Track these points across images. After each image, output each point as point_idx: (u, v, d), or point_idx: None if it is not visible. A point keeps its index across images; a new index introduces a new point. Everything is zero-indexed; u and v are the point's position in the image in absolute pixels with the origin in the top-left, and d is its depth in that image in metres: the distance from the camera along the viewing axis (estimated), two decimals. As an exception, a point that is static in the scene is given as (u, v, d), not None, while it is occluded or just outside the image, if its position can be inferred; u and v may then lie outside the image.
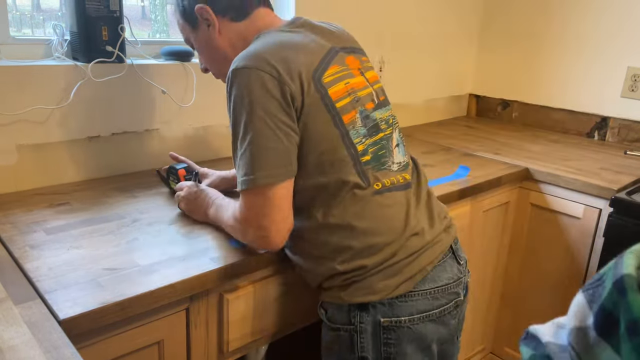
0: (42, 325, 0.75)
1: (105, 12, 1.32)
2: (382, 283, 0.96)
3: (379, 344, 0.98)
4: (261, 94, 0.91)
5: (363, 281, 0.97)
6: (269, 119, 0.92)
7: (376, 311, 0.97)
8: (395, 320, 0.97)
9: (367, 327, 0.97)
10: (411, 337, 0.98)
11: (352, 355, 0.99)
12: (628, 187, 1.63)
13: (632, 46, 2.11)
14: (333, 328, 1.01)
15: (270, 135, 0.92)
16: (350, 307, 0.98)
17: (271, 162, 0.92)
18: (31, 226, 1.10)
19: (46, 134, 1.31)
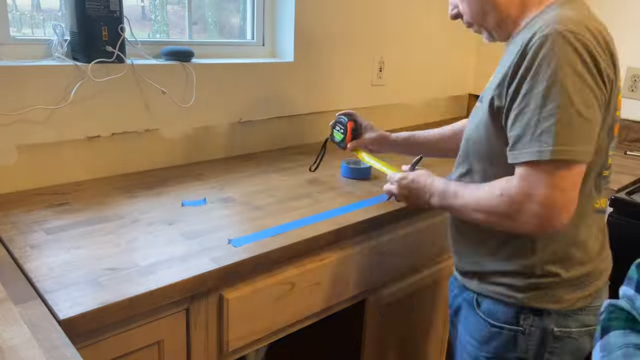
0: (42, 325, 0.75)
1: (105, 12, 1.32)
2: (568, 295, 0.97)
3: (543, 350, 0.98)
4: (586, 68, 0.84)
5: (551, 290, 0.96)
6: (593, 92, 0.85)
7: (550, 319, 0.97)
8: (566, 331, 0.98)
9: (535, 332, 0.98)
10: (573, 349, 0.99)
11: (510, 354, 1.00)
12: (628, 187, 1.63)
13: (632, 46, 2.11)
14: (494, 325, 1.01)
15: (592, 110, 0.85)
16: (522, 309, 0.98)
17: (586, 137, 0.85)
18: (31, 226, 1.10)
19: (46, 134, 1.31)
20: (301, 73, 1.84)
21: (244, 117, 1.72)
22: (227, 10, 1.84)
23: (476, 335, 1.05)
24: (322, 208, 1.28)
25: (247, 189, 1.39)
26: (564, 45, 0.84)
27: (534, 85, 0.86)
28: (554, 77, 0.84)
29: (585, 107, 0.84)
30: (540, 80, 0.85)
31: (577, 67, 0.83)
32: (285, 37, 1.81)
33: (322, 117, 1.96)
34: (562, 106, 0.83)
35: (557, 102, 0.83)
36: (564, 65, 0.83)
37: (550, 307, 0.97)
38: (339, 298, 1.26)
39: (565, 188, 0.85)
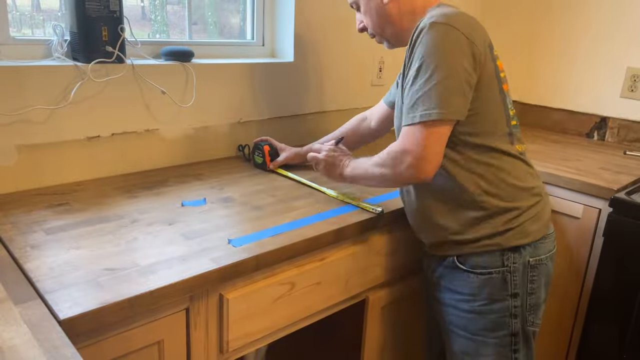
0: (42, 325, 0.75)
1: (105, 12, 1.32)
2: (532, 227, 1.16)
3: (526, 280, 1.16)
4: (456, 48, 1.06)
5: (519, 226, 1.14)
6: (459, 68, 1.05)
7: (526, 252, 1.15)
8: (538, 259, 1.17)
9: (519, 267, 1.15)
10: (545, 273, 1.19)
11: (504, 293, 1.16)
12: (627, 187, 1.63)
13: (631, 46, 2.11)
14: (482, 273, 1.16)
15: (457, 80, 1.05)
16: (504, 251, 1.15)
17: (453, 102, 1.06)
18: (31, 226, 1.10)
19: (46, 134, 1.31)
20: (301, 73, 1.84)
21: (244, 117, 1.72)
22: (227, 11, 1.84)
23: (466, 290, 1.18)
24: (322, 208, 1.29)
25: (247, 189, 1.40)
26: (433, 31, 1.06)
27: (411, 65, 1.09)
28: (422, 57, 1.06)
29: (446, 78, 1.04)
30: (414, 60, 1.08)
31: (443, 46, 1.05)
32: (285, 37, 1.81)
33: (322, 117, 1.96)
34: (427, 80, 1.06)
35: (424, 77, 1.06)
36: (431, 46, 1.05)
37: (524, 242, 1.15)
38: (338, 298, 1.26)
39: (428, 144, 1.06)
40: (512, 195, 1.15)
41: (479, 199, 1.14)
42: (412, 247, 1.41)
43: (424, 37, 1.07)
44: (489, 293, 1.16)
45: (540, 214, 1.18)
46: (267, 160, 1.55)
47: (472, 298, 1.18)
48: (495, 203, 1.14)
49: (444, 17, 1.07)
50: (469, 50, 1.06)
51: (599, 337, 1.65)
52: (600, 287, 1.63)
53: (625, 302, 1.57)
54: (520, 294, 1.16)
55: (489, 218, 1.15)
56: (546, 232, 1.19)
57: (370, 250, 1.30)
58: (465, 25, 1.08)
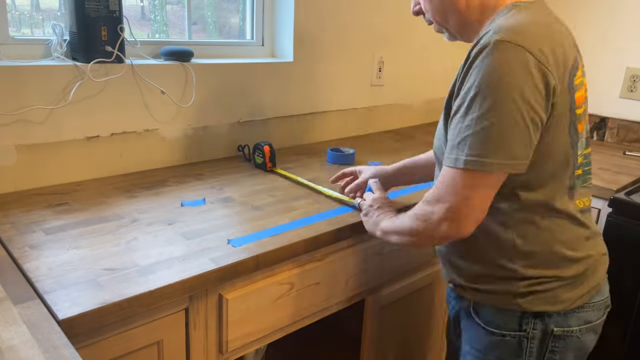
0: (41, 325, 0.75)
1: (104, 12, 1.32)
2: (566, 295, 0.96)
3: (544, 351, 0.98)
4: (523, 77, 0.82)
5: (548, 292, 0.95)
6: (522, 105, 0.83)
7: (551, 320, 0.97)
8: (567, 330, 0.97)
9: (537, 334, 0.97)
10: (576, 347, 0.99)
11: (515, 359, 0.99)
12: (627, 188, 1.63)
13: (631, 47, 2.11)
14: (496, 333, 0.99)
15: (518, 122, 0.83)
16: (524, 314, 0.97)
17: (511, 152, 0.84)
18: (30, 226, 1.10)
19: (45, 134, 1.31)
20: (300, 73, 1.84)
21: (244, 117, 1.72)
22: (226, 10, 1.84)
23: (478, 345, 1.03)
24: (321, 208, 1.29)
25: (247, 189, 1.40)
26: (497, 52, 0.83)
27: (465, 94, 0.87)
28: (479, 85, 0.84)
29: (506, 118, 0.83)
30: (469, 89, 0.86)
31: (505, 78, 0.83)
32: (285, 37, 1.81)
33: (322, 117, 1.96)
34: (480, 117, 0.84)
35: (477, 112, 0.84)
36: (491, 73, 0.83)
37: (550, 309, 0.96)
38: (338, 298, 1.26)
39: (469, 197, 0.87)
40: (551, 263, 0.95)
41: (504, 262, 0.96)
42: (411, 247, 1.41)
43: (484, 58, 0.84)
44: (498, 356, 1.00)
45: (582, 280, 0.97)
46: (267, 160, 1.56)
47: (482, 356, 1.02)
48: (524, 272, 0.95)
49: (512, 33, 0.84)
50: (540, 81, 0.83)
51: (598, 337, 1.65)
52: (600, 288, 1.63)
53: (625, 302, 1.57)
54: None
55: (515, 280, 0.96)
56: (587, 300, 0.98)
57: (370, 250, 1.30)
58: (540, 42, 0.84)
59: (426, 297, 1.55)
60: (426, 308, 1.57)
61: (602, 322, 1.03)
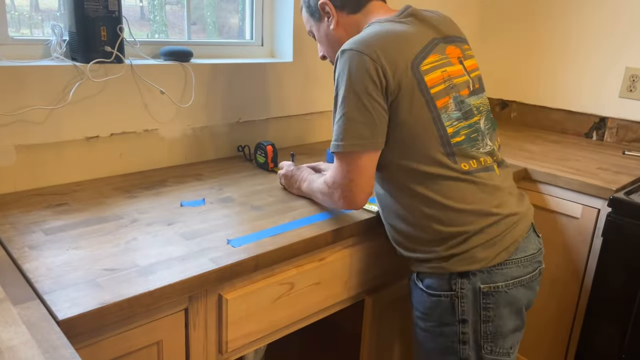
0: (41, 326, 0.75)
1: (103, 12, 1.32)
2: (482, 254, 1.09)
3: (478, 307, 1.10)
4: (361, 74, 1.04)
5: (465, 253, 1.09)
6: (363, 96, 1.05)
7: (476, 278, 1.09)
8: (493, 286, 1.09)
9: (467, 293, 1.10)
10: (507, 301, 1.11)
11: (452, 318, 1.12)
12: (626, 187, 1.63)
13: (630, 46, 2.11)
14: (433, 294, 1.13)
15: (361, 110, 1.06)
16: (452, 275, 1.10)
17: (358, 133, 1.06)
18: (30, 227, 1.10)
19: (45, 135, 1.31)
20: (300, 73, 1.84)
21: (243, 117, 1.72)
22: (225, 11, 1.84)
23: (422, 308, 1.17)
24: (321, 208, 1.29)
25: (246, 190, 1.40)
26: (342, 59, 1.07)
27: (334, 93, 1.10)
28: (336, 86, 1.09)
29: (352, 108, 1.06)
30: (334, 89, 1.10)
31: (348, 77, 1.06)
32: (284, 37, 1.81)
33: (321, 117, 1.96)
34: (338, 110, 1.08)
35: (336, 107, 1.09)
36: (340, 74, 1.08)
37: (471, 268, 1.09)
38: (337, 298, 1.27)
39: (353, 178, 1.09)
40: (454, 219, 1.09)
41: (423, 223, 1.11)
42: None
43: (336, 64, 1.09)
44: (438, 315, 1.13)
45: (498, 238, 1.09)
46: (269, 160, 1.56)
47: (426, 317, 1.17)
48: (438, 228, 1.10)
49: (353, 43, 1.07)
50: (375, 75, 1.04)
51: (598, 337, 1.65)
52: (600, 287, 1.63)
53: (625, 302, 1.57)
54: (471, 321, 1.11)
55: (437, 243, 1.11)
56: (507, 257, 1.10)
57: (370, 250, 1.30)
58: (376, 47, 1.05)
59: (426, 297, 1.55)
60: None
61: (534, 278, 1.14)
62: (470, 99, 1.15)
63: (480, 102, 1.18)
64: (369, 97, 1.05)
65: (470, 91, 1.15)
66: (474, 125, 1.14)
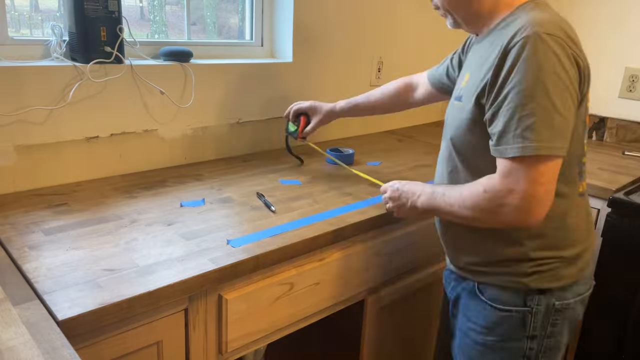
0: (41, 326, 0.75)
1: (103, 12, 1.32)
2: (566, 272, 1.04)
3: (547, 324, 1.06)
4: (569, 68, 0.91)
5: (551, 271, 1.03)
6: (568, 91, 0.91)
7: (552, 295, 1.04)
8: (565, 303, 1.05)
9: (541, 309, 1.04)
10: (570, 317, 1.08)
11: (521, 334, 1.06)
12: (626, 188, 1.63)
13: (630, 47, 2.11)
14: (502, 309, 1.06)
15: (568, 109, 0.91)
16: (529, 291, 1.04)
17: (563, 134, 0.91)
18: (30, 227, 1.10)
19: (45, 135, 1.31)
20: (300, 73, 1.84)
21: (243, 118, 1.72)
22: (225, 11, 1.84)
23: (481, 322, 1.08)
24: (321, 208, 1.29)
25: (246, 190, 1.40)
26: (544, 47, 0.89)
27: (516, 84, 0.91)
28: (535, 78, 0.89)
29: (562, 105, 0.90)
30: (522, 79, 0.90)
31: (556, 69, 0.89)
32: (284, 38, 1.81)
33: (321, 117, 1.96)
34: (542, 105, 0.89)
35: (538, 101, 0.89)
36: (544, 66, 0.89)
37: (553, 286, 1.03)
38: (337, 298, 1.26)
39: (544, 182, 0.91)
40: (559, 243, 1.03)
41: (521, 242, 1.02)
42: (411, 247, 1.41)
43: (528, 50, 0.89)
44: (504, 330, 1.06)
45: (578, 257, 1.05)
46: (300, 129, 1.57)
47: (485, 331, 1.08)
48: (537, 253, 1.02)
49: (548, 27, 0.91)
50: (576, 72, 0.92)
51: (597, 337, 1.65)
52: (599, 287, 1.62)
53: (624, 302, 1.57)
54: (538, 337, 1.06)
55: (523, 262, 1.03)
56: (582, 275, 1.07)
57: (369, 250, 1.30)
58: (572, 37, 0.94)
59: (426, 297, 1.55)
60: (426, 308, 1.57)
61: (589, 294, 1.11)
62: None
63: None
64: (572, 93, 0.92)
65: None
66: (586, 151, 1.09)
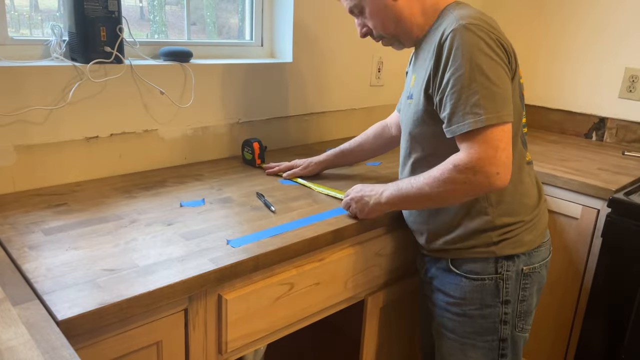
0: (41, 326, 0.75)
1: (103, 12, 1.32)
2: (527, 237, 1.15)
3: (519, 288, 1.17)
4: (491, 50, 1.02)
5: (515, 237, 1.14)
6: (500, 66, 1.02)
7: (519, 260, 1.15)
8: (532, 267, 1.17)
9: (512, 275, 1.15)
10: (537, 280, 1.19)
11: (495, 300, 1.16)
12: (626, 188, 1.63)
13: (629, 47, 2.11)
14: (476, 279, 1.16)
15: (504, 81, 1.02)
16: (498, 259, 1.15)
17: (505, 102, 1.02)
18: (29, 227, 1.10)
19: (45, 135, 1.31)
20: (300, 73, 1.84)
21: (243, 118, 1.72)
22: (225, 11, 1.84)
23: (458, 294, 1.18)
24: (321, 208, 1.29)
25: (246, 190, 1.39)
26: (470, 34, 1.02)
27: (455, 70, 1.02)
28: (469, 61, 1.01)
29: (497, 78, 1.01)
30: (459, 66, 1.02)
31: (485, 50, 1.01)
32: (284, 38, 1.81)
33: (321, 117, 1.96)
34: (481, 82, 1.00)
35: (477, 80, 1.01)
36: (474, 50, 1.01)
37: (518, 252, 1.15)
38: (337, 298, 1.26)
39: (503, 147, 1.00)
40: (517, 209, 1.15)
41: (485, 211, 1.14)
42: (410, 247, 1.41)
43: (457, 40, 1.02)
44: (480, 298, 1.16)
45: (537, 223, 1.18)
46: (256, 157, 1.59)
47: (462, 302, 1.18)
48: (501, 220, 1.14)
49: (475, 19, 1.04)
50: (504, 54, 1.04)
51: (597, 337, 1.65)
52: (599, 288, 1.63)
53: (624, 302, 1.57)
54: (512, 301, 1.16)
55: (490, 230, 1.14)
56: (542, 240, 1.19)
57: (369, 250, 1.30)
58: (492, 25, 1.06)
59: (425, 298, 1.55)
60: (425, 308, 1.57)
61: (550, 258, 1.24)
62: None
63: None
64: (504, 70, 1.03)
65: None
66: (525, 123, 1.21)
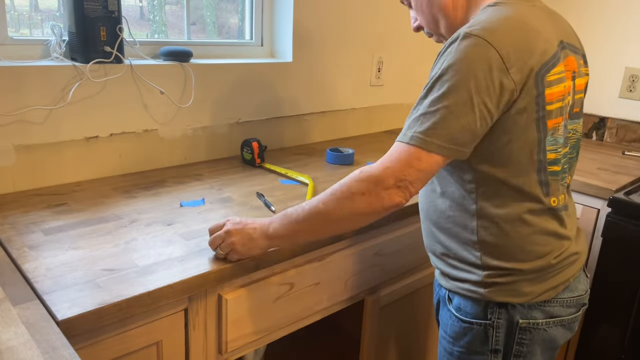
0: (40, 326, 0.75)
1: (103, 12, 1.32)
2: (528, 288, 0.98)
3: (512, 341, 1.00)
4: (482, 69, 0.86)
5: (510, 284, 0.98)
6: (475, 97, 0.86)
7: (515, 311, 0.99)
8: (532, 322, 0.99)
9: (503, 324, 0.99)
10: (543, 339, 1.01)
11: (484, 348, 1.02)
12: (626, 188, 1.63)
13: (630, 47, 2.11)
14: (464, 321, 1.02)
15: (468, 112, 0.86)
16: (488, 303, 0.99)
17: (452, 137, 0.87)
18: (29, 227, 1.09)
19: (44, 135, 1.31)
20: (299, 73, 1.84)
21: (243, 118, 1.72)
22: (225, 11, 1.84)
23: (449, 331, 1.06)
24: (321, 208, 1.28)
25: (246, 190, 1.39)
26: (462, 47, 0.87)
27: (431, 77, 0.90)
28: (442, 73, 0.88)
29: (458, 105, 0.86)
30: (435, 74, 0.89)
31: (466, 68, 0.86)
32: (284, 37, 1.81)
33: (321, 117, 1.96)
34: (436, 100, 0.87)
35: (435, 95, 0.88)
36: (456, 65, 0.86)
37: (512, 301, 0.98)
38: (337, 298, 1.26)
39: (419, 168, 0.88)
40: (515, 254, 0.97)
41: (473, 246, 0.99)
42: (410, 248, 1.41)
43: (452, 47, 0.88)
44: (468, 343, 1.03)
45: (549, 276, 0.99)
46: (255, 156, 1.59)
47: (452, 341, 1.06)
48: (490, 260, 0.98)
49: (481, 28, 0.88)
50: (497, 78, 0.86)
51: (598, 338, 1.65)
52: (599, 288, 1.63)
53: (624, 302, 1.57)
54: (503, 353, 1.01)
55: (478, 268, 0.99)
56: (555, 295, 1.00)
57: (369, 250, 1.30)
58: (507, 39, 0.87)
59: (426, 297, 1.55)
60: (426, 308, 1.57)
61: (576, 319, 1.04)
62: (569, 124, 1.01)
63: (574, 128, 1.02)
64: (480, 101, 0.86)
65: (569, 114, 1.00)
66: (567, 154, 1.00)
